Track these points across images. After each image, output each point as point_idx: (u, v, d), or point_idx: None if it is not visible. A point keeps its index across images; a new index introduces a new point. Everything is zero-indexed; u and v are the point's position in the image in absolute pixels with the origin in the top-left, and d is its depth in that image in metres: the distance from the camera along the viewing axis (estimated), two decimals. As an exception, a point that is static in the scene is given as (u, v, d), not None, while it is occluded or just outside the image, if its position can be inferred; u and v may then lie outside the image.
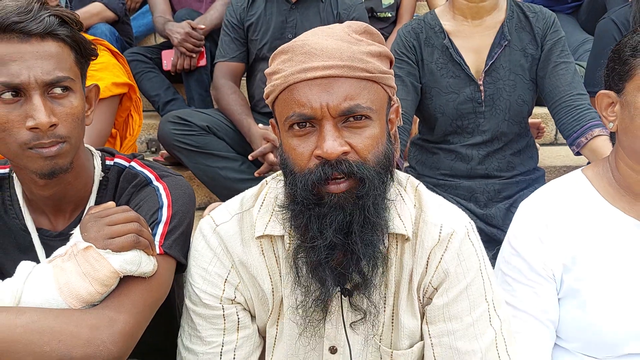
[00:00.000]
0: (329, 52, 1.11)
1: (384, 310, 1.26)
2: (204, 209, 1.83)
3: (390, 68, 1.20)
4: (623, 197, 1.36)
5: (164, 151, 2.78)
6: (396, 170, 1.30)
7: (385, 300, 1.25)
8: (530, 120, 2.71)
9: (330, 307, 1.24)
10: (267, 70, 1.19)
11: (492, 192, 2.11)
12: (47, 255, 1.30)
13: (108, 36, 3.16)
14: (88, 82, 1.32)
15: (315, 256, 1.13)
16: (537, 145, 2.60)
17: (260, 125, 2.56)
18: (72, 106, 1.20)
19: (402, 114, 2.00)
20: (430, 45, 2.08)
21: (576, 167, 2.64)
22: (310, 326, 1.22)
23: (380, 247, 1.18)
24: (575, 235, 1.35)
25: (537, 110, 2.26)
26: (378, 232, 1.16)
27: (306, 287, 1.18)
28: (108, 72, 2.21)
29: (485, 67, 2.04)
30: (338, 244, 1.13)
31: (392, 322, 1.27)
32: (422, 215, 1.25)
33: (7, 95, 1.15)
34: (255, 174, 2.51)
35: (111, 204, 1.25)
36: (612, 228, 1.35)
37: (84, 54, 1.25)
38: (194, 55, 3.02)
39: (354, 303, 1.22)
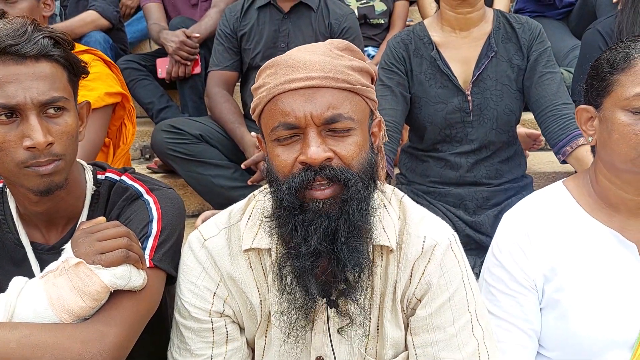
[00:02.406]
0: (312, 65, 1.16)
1: (369, 321, 1.29)
2: (197, 216, 1.85)
3: (371, 84, 1.24)
4: (602, 209, 1.39)
5: (158, 159, 2.80)
6: (380, 182, 1.34)
7: (370, 311, 1.28)
8: (530, 131, 2.75)
9: (317, 317, 1.27)
10: (253, 86, 1.23)
11: (481, 199, 2.15)
12: (41, 268, 1.33)
13: (102, 44, 3.18)
14: (81, 92, 1.35)
15: (300, 264, 1.16)
16: (527, 152, 2.63)
17: (253, 133, 2.58)
18: (67, 124, 1.24)
19: (392, 122, 2.05)
20: (419, 56, 2.11)
21: (565, 173, 2.68)
22: (294, 333, 1.24)
23: (366, 252, 1.20)
24: (556, 246, 1.38)
25: (524, 116, 2.29)
26: (364, 237, 1.19)
27: (291, 295, 1.21)
28: (101, 82, 2.22)
29: (472, 78, 2.08)
30: (323, 251, 1.15)
31: (377, 333, 1.30)
32: (406, 227, 1.28)
33: (3, 117, 1.18)
34: (249, 182, 2.53)
35: (101, 219, 1.27)
36: (592, 239, 1.38)
37: (76, 73, 1.29)
38: (189, 63, 3.05)
39: (341, 309, 1.25)
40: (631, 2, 2.16)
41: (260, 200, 1.30)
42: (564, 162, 2.03)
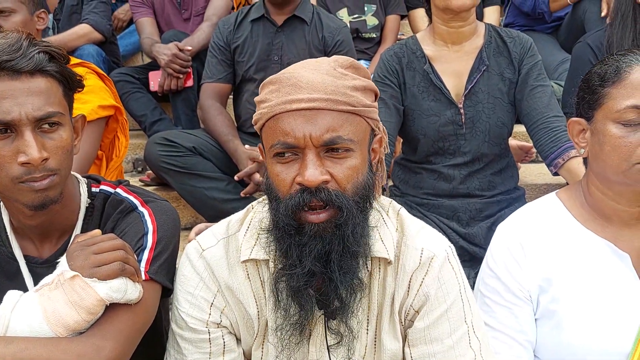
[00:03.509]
0: (314, 86, 1.16)
1: (367, 332, 1.29)
2: (190, 229, 1.85)
3: (374, 101, 1.25)
4: (595, 220, 1.40)
5: (151, 171, 2.80)
6: (379, 195, 1.35)
7: (368, 322, 1.28)
8: (521, 143, 2.77)
9: (314, 330, 1.27)
10: (256, 98, 1.25)
11: (474, 211, 2.16)
12: (34, 282, 1.32)
13: (95, 57, 3.18)
14: (75, 104, 1.35)
15: (295, 283, 1.18)
16: (518, 165, 2.65)
17: (247, 146, 2.58)
18: (62, 139, 1.23)
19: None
20: (411, 69, 2.13)
21: (557, 185, 2.71)
22: (287, 349, 1.24)
23: (359, 274, 1.21)
24: (550, 257, 1.39)
25: (516, 128, 2.31)
26: (357, 259, 1.20)
27: (286, 311, 1.22)
28: (94, 95, 2.22)
29: (465, 91, 2.10)
30: (317, 272, 1.17)
31: (375, 344, 1.30)
32: (404, 239, 1.29)
33: None
34: (242, 194, 2.53)
35: (97, 232, 1.27)
36: (586, 249, 1.39)
37: (71, 87, 1.28)
38: (181, 76, 3.05)
39: (332, 327, 1.26)
40: (620, 17, 2.20)
41: (258, 212, 1.31)
42: (555, 174, 2.04)
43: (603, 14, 3.11)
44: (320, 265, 1.16)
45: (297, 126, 1.14)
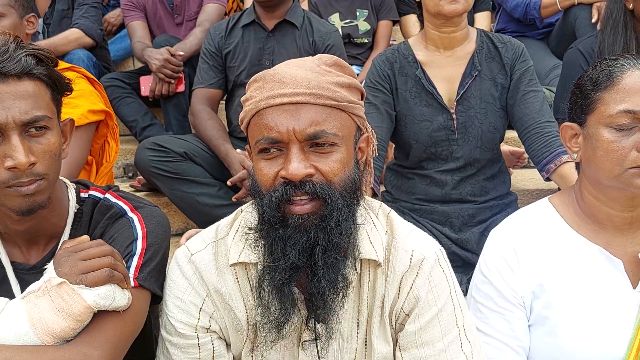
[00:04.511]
0: (297, 81, 1.16)
1: (357, 336, 1.28)
2: (181, 235, 1.83)
3: (360, 99, 1.25)
4: (588, 225, 1.40)
5: (141, 177, 2.78)
6: (368, 197, 1.34)
7: (358, 326, 1.28)
8: (513, 149, 2.78)
9: (303, 332, 1.26)
10: (242, 97, 1.25)
11: (467, 216, 2.15)
12: (22, 288, 1.29)
13: (85, 61, 3.16)
14: (64, 109, 1.33)
15: (278, 277, 1.17)
16: (510, 170, 2.65)
17: (238, 150, 2.57)
18: (50, 143, 1.22)
19: (378, 140, 2.04)
20: (404, 75, 2.13)
21: (549, 190, 2.71)
22: (261, 345, 1.23)
23: (345, 273, 1.20)
24: (543, 263, 1.39)
25: (508, 134, 2.32)
26: (342, 254, 1.19)
27: (266, 308, 1.21)
28: (84, 99, 2.20)
29: (457, 97, 2.10)
30: (301, 266, 1.16)
31: (365, 348, 1.29)
32: (394, 241, 1.28)
33: None
34: (233, 199, 2.52)
35: (85, 238, 1.25)
36: (578, 255, 1.39)
37: (59, 91, 1.27)
38: (173, 81, 3.04)
39: (310, 325, 1.24)
40: (611, 23, 2.21)
41: (247, 213, 1.30)
42: (547, 179, 2.05)
43: (594, 20, 3.13)
44: (304, 259, 1.15)
45: (280, 121, 1.14)
